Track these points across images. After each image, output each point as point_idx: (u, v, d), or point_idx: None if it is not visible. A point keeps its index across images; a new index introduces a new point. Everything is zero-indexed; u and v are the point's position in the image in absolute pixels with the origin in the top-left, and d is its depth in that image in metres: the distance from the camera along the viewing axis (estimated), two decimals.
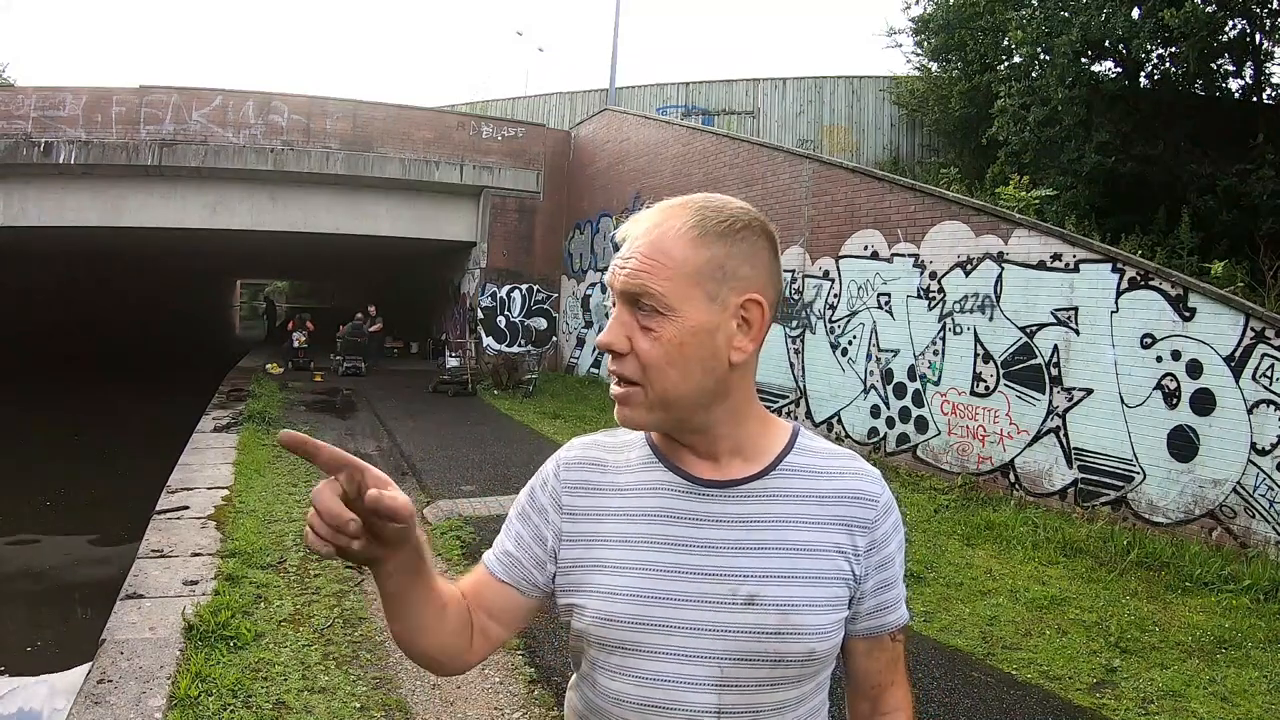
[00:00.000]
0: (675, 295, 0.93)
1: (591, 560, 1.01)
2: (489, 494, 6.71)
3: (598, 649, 1.01)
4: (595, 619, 0.99)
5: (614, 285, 0.96)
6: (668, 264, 0.93)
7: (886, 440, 8.25)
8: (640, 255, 0.94)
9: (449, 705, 3.38)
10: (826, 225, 9.05)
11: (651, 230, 0.96)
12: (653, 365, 0.94)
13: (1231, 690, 3.71)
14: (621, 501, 1.02)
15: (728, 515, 0.99)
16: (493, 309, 15.34)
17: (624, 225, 1.01)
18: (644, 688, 0.97)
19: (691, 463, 1.01)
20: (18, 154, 12.19)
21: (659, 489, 1.01)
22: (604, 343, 0.96)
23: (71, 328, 21.02)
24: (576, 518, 1.03)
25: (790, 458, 1.02)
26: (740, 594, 0.96)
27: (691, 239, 0.94)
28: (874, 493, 1.02)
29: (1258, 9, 9.68)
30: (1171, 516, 5.84)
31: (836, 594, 0.99)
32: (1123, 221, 9.29)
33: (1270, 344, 5.39)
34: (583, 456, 1.07)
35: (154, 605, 4.12)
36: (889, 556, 1.03)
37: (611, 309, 0.99)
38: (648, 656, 0.97)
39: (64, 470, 9.46)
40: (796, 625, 0.96)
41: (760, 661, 0.96)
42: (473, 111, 17.88)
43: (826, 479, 1.02)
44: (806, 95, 17.30)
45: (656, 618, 0.96)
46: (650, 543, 0.99)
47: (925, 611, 4.52)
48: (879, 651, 1.06)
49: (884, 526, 1.02)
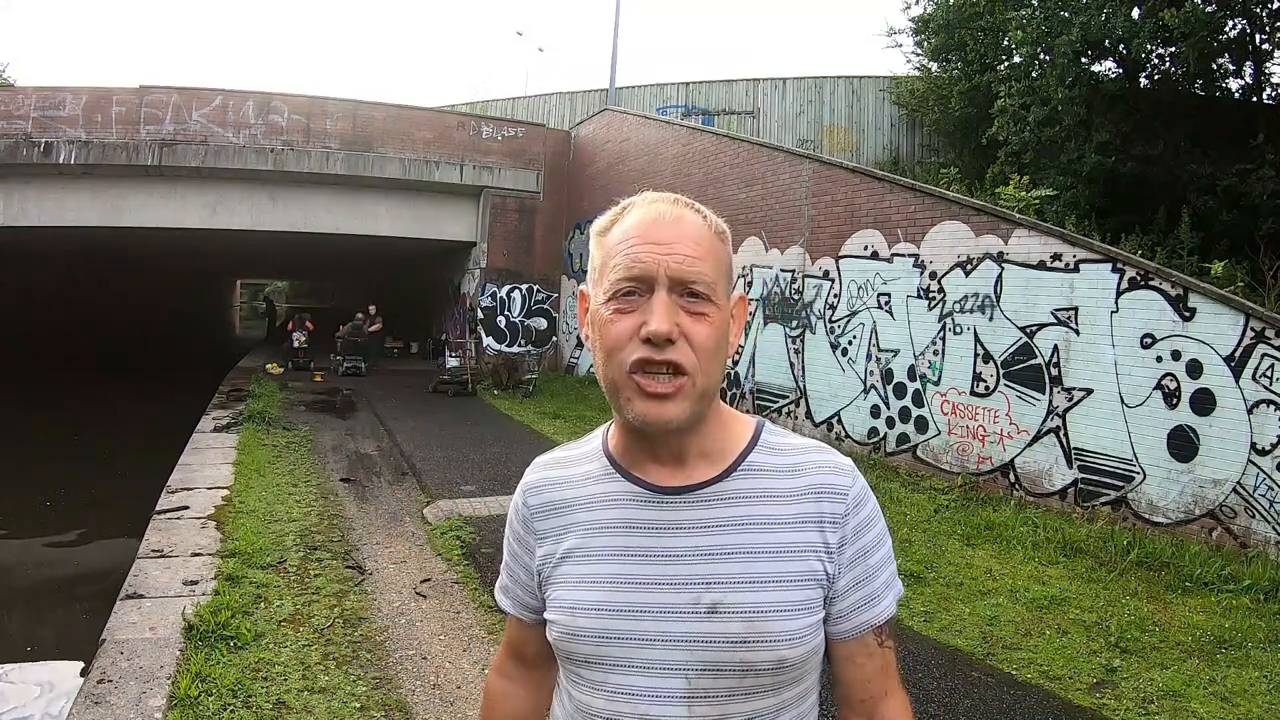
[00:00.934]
0: (718, 285, 0.95)
1: (559, 577, 1.01)
2: (489, 494, 6.71)
3: (568, 663, 1.01)
4: (561, 634, 0.99)
5: (657, 271, 0.91)
6: (710, 254, 0.94)
7: (886, 440, 8.25)
8: (687, 240, 0.93)
9: (449, 705, 3.38)
10: (826, 225, 9.05)
11: (677, 222, 0.94)
12: (706, 353, 0.92)
13: (1231, 690, 3.71)
14: (583, 516, 1.01)
15: (688, 521, 0.97)
16: (493, 309, 15.35)
17: (609, 215, 0.99)
18: (614, 702, 0.96)
19: (651, 470, 1.00)
20: (18, 154, 12.20)
21: (619, 499, 1.00)
22: (661, 330, 0.89)
23: (71, 328, 21.02)
24: (546, 539, 1.04)
25: (753, 456, 1.00)
26: (704, 602, 0.94)
27: (712, 235, 0.97)
28: (843, 486, 0.99)
29: (1258, 9, 9.67)
30: (1171, 516, 5.84)
31: (808, 596, 0.95)
32: (1123, 221, 9.29)
33: (1270, 344, 5.39)
34: (544, 479, 1.07)
35: (154, 605, 4.12)
36: (863, 550, 0.99)
37: (606, 305, 0.94)
38: (614, 670, 0.96)
39: (64, 470, 9.46)
40: (763, 632, 0.93)
41: (728, 671, 0.93)
42: (473, 111, 17.88)
43: (792, 476, 0.99)
44: (806, 95, 17.31)
45: (620, 630, 0.95)
46: (612, 555, 0.98)
47: (925, 611, 4.52)
48: (864, 658, 1.00)
49: (856, 520, 0.99)
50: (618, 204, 1.01)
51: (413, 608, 4.39)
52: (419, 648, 3.90)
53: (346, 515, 6.08)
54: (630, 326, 0.92)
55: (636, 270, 0.92)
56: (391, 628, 4.11)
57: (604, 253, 0.97)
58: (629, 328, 0.92)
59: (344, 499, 6.54)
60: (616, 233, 0.96)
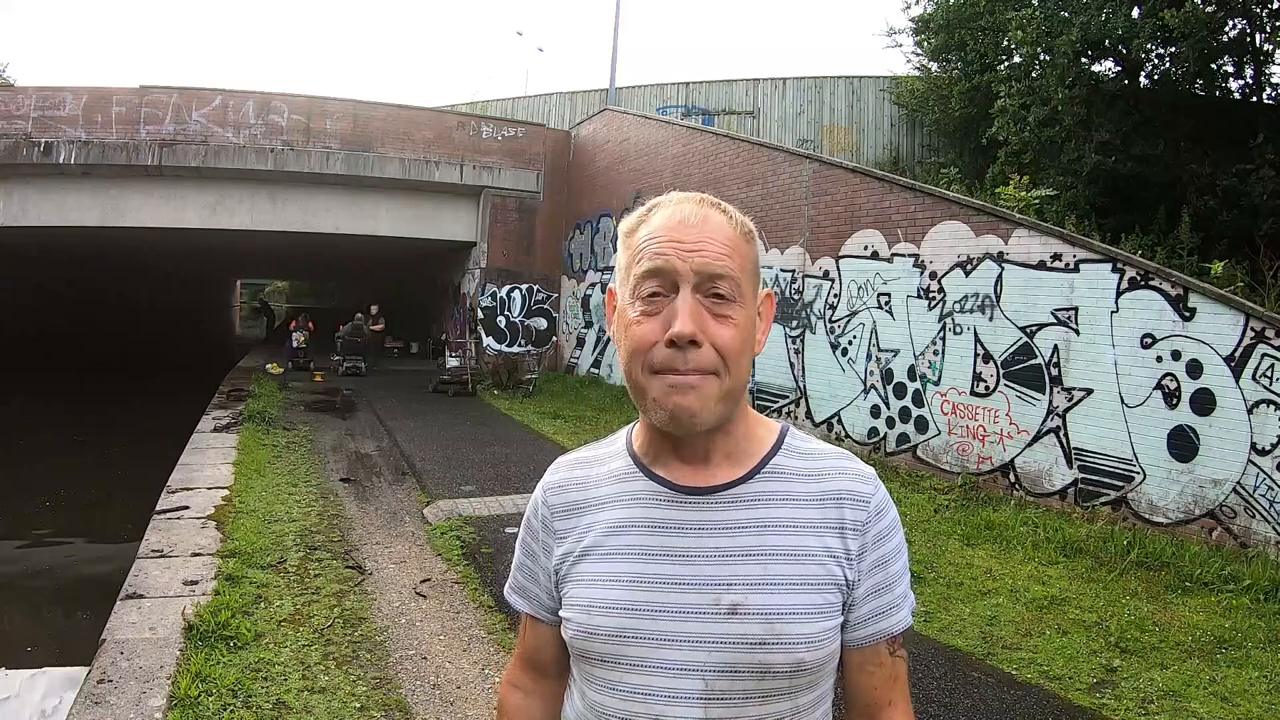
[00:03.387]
0: (744, 285, 0.95)
1: (577, 575, 1.00)
2: (489, 494, 6.71)
3: (582, 661, 1.01)
4: (577, 632, 0.98)
5: (683, 272, 0.91)
6: (736, 253, 0.95)
7: (886, 440, 8.25)
8: (712, 240, 0.93)
9: (449, 705, 3.38)
10: (826, 225, 9.05)
11: (703, 222, 0.94)
12: (732, 353, 0.92)
13: (1231, 690, 3.71)
14: (605, 514, 1.01)
15: (710, 522, 0.96)
16: (493, 309, 15.34)
17: (637, 215, 0.99)
18: (629, 701, 0.96)
19: (676, 469, 0.99)
20: (18, 154, 12.20)
21: (641, 499, 0.99)
22: (685, 333, 0.89)
23: (71, 328, 21.02)
24: (566, 539, 1.03)
25: (777, 459, 1.00)
26: (723, 603, 0.93)
27: (738, 234, 0.97)
28: (866, 493, 0.99)
29: (1258, 9, 9.68)
30: (1171, 516, 5.84)
31: (828, 600, 0.95)
32: (1123, 221, 9.29)
33: (1270, 344, 5.38)
34: (566, 479, 1.07)
35: (154, 605, 4.12)
36: (883, 559, 0.99)
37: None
38: (631, 669, 0.95)
39: (64, 470, 9.46)
40: (782, 634, 0.92)
41: (746, 673, 0.93)
42: (473, 111, 17.88)
43: (815, 481, 0.99)
44: (806, 95, 17.31)
45: (638, 630, 0.95)
46: (632, 554, 0.97)
47: (925, 611, 4.52)
48: (874, 665, 1.01)
49: (877, 528, 0.99)
50: (644, 204, 1.01)
51: (413, 608, 4.39)
52: (419, 648, 3.90)
53: (346, 515, 6.08)
54: (655, 328, 0.92)
55: (662, 271, 0.92)
56: (391, 628, 4.11)
57: (630, 252, 0.97)
58: (654, 329, 0.92)
59: (344, 499, 6.54)
60: (643, 232, 0.96)
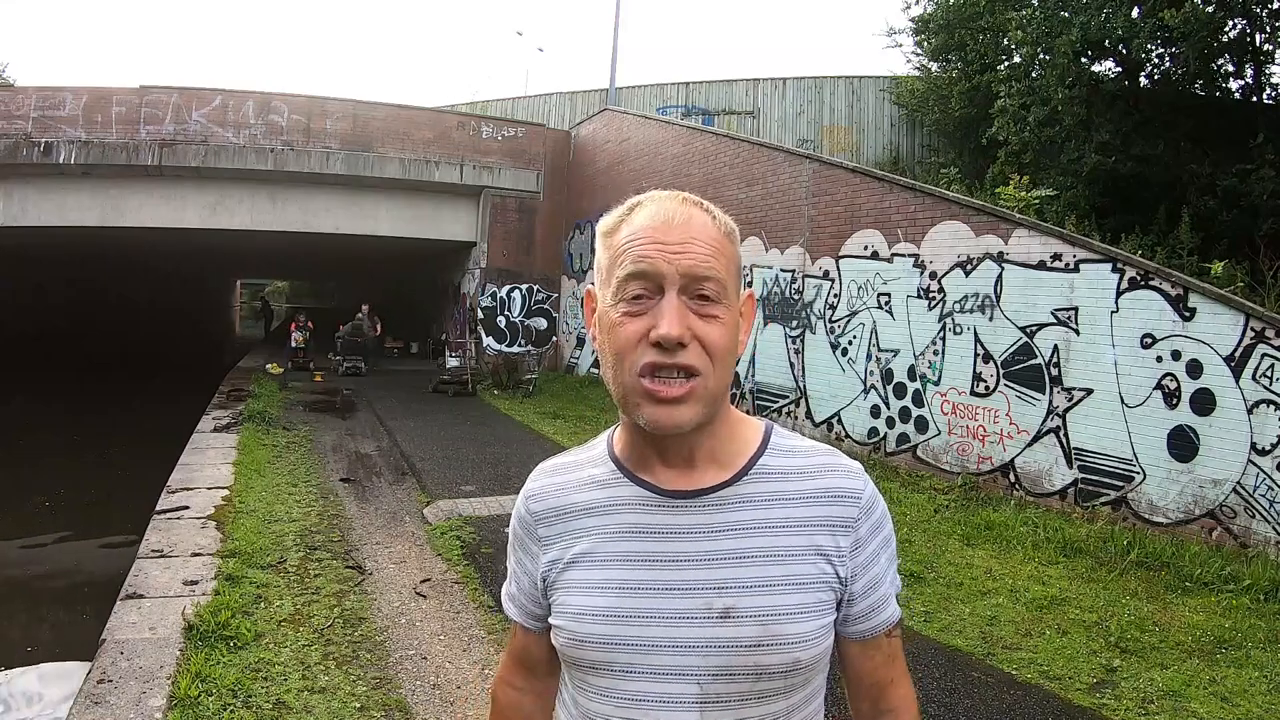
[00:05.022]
0: (729, 285, 0.93)
1: (565, 582, 1.00)
2: (489, 494, 6.71)
3: (574, 669, 1.00)
4: (568, 640, 0.98)
5: (668, 273, 0.90)
6: (721, 253, 0.93)
7: (886, 440, 8.25)
8: (697, 240, 0.91)
9: (449, 705, 3.38)
10: (826, 225, 9.05)
11: (687, 223, 0.92)
12: (718, 354, 0.91)
13: (1231, 690, 3.71)
14: (590, 521, 1.00)
15: (699, 526, 0.96)
16: (493, 309, 15.34)
17: (616, 215, 0.98)
18: (623, 708, 0.95)
19: (660, 473, 0.98)
20: (18, 154, 12.19)
21: (628, 504, 0.98)
22: (671, 335, 0.88)
23: (71, 328, 21.01)
24: (551, 546, 1.02)
25: (764, 460, 0.99)
26: (716, 607, 0.93)
27: (722, 235, 0.95)
28: (854, 489, 0.98)
29: (1258, 9, 9.67)
30: (1171, 516, 5.84)
31: (821, 599, 0.95)
32: (1123, 221, 9.29)
33: (1270, 344, 5.38)
34: (547, 485, 1.05)
35: (154, 605, 4.12)
36: (875, 554, 0.99)
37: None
38: (624, 676, 0.95)
39: (64, 470, 9.46)
40: (777, 635, 0.92)
41: (741, 676, 0.93)
42: (473, 111, 17.88)
43: (803, 479, 0.98)
44: (806, 95, 17.31)
45: (629, 636, 0.94)
46: (619, 560, 0.97)
47: (925, 611, 4.52)
48: (874, 650, 1.02)
49: (867, 524, 0.98)
50: (623, 202, 0.99)
51: (413, 608, 4.39)
52: (419, 648, 3.90)
53: (346, 515, 6.08)
54: (640, 329, 0.90)
55: (647, 274, 0.90)
56: (391, 628, 4.11)
57: (611, 253, 0.95)
58: (638, 330, 0.90)
59: (344, 499, 6.54)
60: (625, 232, 0.94)
